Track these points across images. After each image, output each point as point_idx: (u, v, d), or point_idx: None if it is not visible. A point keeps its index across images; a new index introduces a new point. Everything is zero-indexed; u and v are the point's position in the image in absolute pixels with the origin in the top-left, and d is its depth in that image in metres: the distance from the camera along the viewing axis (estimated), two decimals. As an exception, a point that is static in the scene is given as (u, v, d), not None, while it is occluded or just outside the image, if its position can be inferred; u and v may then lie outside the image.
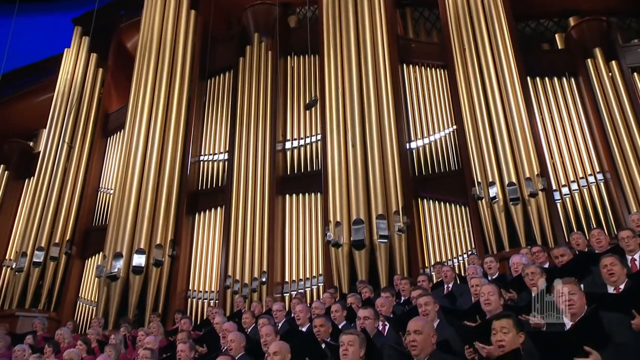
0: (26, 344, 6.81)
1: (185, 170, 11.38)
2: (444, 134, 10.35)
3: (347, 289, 8.68)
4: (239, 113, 11.59)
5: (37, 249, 11.00)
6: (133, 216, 10.60)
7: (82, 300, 11.24)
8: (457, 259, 9.32)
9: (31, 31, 15.81)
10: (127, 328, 7.89)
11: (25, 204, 12.22)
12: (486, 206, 8.85)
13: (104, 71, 13.18)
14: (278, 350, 3.69)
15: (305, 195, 10.79)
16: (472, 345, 3.31)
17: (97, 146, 12.54)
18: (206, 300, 10.40)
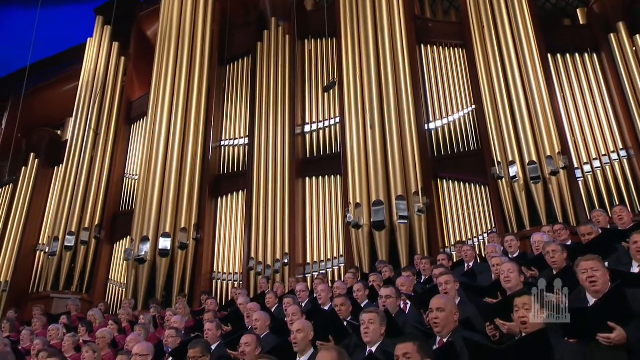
0: (61, 324, 7.01)
1: (207, 156, 11.46)
2: (463, 114, 10.19)
3: (367, 269, 8.70)
4: (258, 98, 11.60)
5: (68, 234, 11.26)
6: (158, 201, 10.76)
7: (112, 282, 11.51)
8: (477, 239, 9.25)
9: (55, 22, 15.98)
10: (156, 309, 8.06)
11: (56, 190, 12.48)
12: (506, 185, 8.72)
13: (125, 60, 13.28)
14: (301, 328, 3.73)
15: (325, 177, 10.79)
16: (493, 322, 3.29)
17: (121, 133, 12.70)
18: (230, 281, 10.55)
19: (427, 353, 2.51)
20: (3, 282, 11.84)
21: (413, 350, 2.46)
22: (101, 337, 5.73)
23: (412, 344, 2.49)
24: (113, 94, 12.81)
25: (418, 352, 2.46)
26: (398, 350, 2.49)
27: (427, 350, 2.53)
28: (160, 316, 7.65)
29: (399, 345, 2.51)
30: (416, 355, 2.45)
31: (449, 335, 3.05)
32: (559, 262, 4.06)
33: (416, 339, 2.57)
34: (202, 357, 3.97)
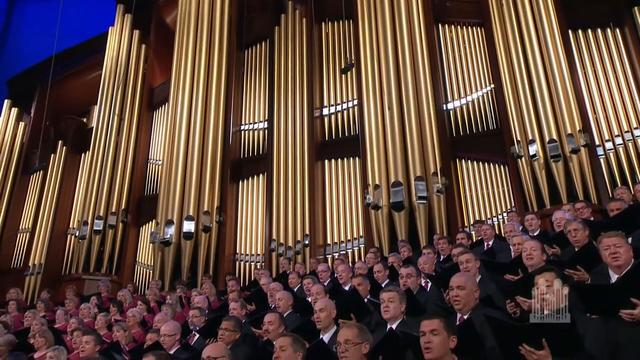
0: (92, 304, 7.21)
1: (228, 140, 11.52)
2: (482, 93, 10.00)
3: (387, 249, 8.70)
4: (276, 81, 11.58)
5: (97, 218, 11.50)
6: (181, 185, 10.90)
7: (139, 264, 11.76)
8: (497, 218, 9.14)
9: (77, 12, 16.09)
10: (182, 289, 8.23)
11: (83, 176, 12.71)
12: (526, 164, 8.57)
13: (146, 47, 13.34)
14: (324, 307, 3.76)
15: (344, 159, 10.76)
16: (514, 299, 3.26)
17: (144, 120, 12.83)
18: (253, 262, 10.67)
19: (453, 329, 2.50)
20: (37, 265, 12.19)
21: (440, 327, 2.45)
22: (131, 317, 5.90)
23: (439, 321, 2.48)
24: (135, 81, 12.91)
25: (444, 329, 2.46)
26: (424, 327, 2.49)
27: (453, 326, 2.53)
28: (186, 296, 7.80)
29: (425, 321, 2.51)
30: (443, 332, 2.45)
31: (470, 313, 3.03)
32: (581, 240, 4.00)
33: (442, 316, 2.56)
34: (234, 332, 4.07)
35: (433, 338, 2.43)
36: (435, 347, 2.42)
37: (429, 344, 2.43)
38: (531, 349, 2.30)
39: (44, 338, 5.08)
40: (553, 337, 2.31)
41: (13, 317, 7.07)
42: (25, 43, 17.58)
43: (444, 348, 2.42)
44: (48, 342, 5.00)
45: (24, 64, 15.13)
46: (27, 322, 6.45)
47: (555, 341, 2.30)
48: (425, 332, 2.47)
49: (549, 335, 2.31)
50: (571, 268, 3.40)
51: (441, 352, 2.41)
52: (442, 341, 2.42)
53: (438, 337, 2.43)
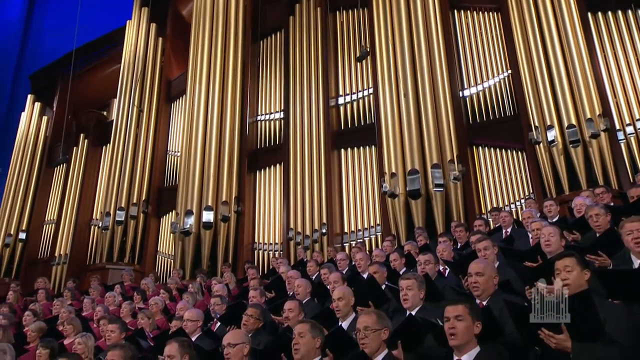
0: (116, 292, 7.35)
1: (244, 131, 11.56)
2: (499, 79, 9.82)
3: (404, 237, 8.67)
4: (291, 71, 11.54)
5: (119, 209, 11.68)
6: (200, 176, 11.00)
7: (160, 254, 11.93)
8: (515, 205, 9.02)
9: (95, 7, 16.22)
10: (202, 278, 8.33)
11: (105, 168, 12.90)
12: (544, 150, 8.42)
13: (163, 40, 13.40)
14: (342, 295, 3.77)
15: (360, 148, 10.71)
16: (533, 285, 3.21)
17: (162, 112, 12.94)
18: (271, 251, 10.74)
19: (478, 315, 2.47)
20: (63, 255, 12.46)
21: (464, 312, 2.42)
22: (154, 305, 5.99)
23: (463, 306, 2.45)
24: (153, 74, 13.00)
25: (469, 314, 2.43)
26: (449, 312, 2.46)
27: (477, 312, 2.50)
28: (206, 285, 7.90)
29: (450, 307, 2.48)
30: (467, 317, 2.42)
31: (489, 299, 3.01)
32: (603, 225, 3.92)
33: (467, 301, 2.53)
34: (258, 320, 4.11)
35: (457, 324, 2.40)
36: (460, 333, 2.39)
37: (454, 329, 2.40)
38: (550, 333, 2.27)
39: (72, 325, 5.21)
40: (573, 322, 2.28)
41: (42, 305, 7.25)
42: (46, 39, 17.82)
43: (469, 334, 2.39)
44: (76, 329, 5.12)
45: (46, 60, 15.34)
46: (55, 310, 6.61)
47: (576, 326, 2.27)
48: (450, 318, 2.44)
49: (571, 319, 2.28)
50: (592, 253, 3.34)
51: (465, 338, 2.39)
52: (467, 327, 2.40)
53: (463, 322, 2.40)
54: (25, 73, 16.30)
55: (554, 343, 2.27)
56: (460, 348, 2.40)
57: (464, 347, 2.40)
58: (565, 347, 2.25)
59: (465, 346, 2.40)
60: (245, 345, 3.14)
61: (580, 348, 2.23)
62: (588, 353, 2.22)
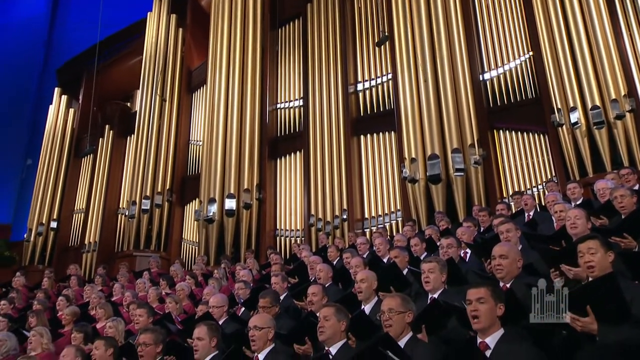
0: (144, 278, 7.52)
1: (264, 119, 11.60)
2: (520, 61, 9.58)
3: (424, 222, 8.62)
4: (310, 59, 11.49)
5: (144, 198, 11.89)
6: (221, 164, 11.10)
7: (185, 241, 12.13)
8: (536, 188, 8.87)
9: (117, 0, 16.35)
10: (226, 264, 8.44)
11: (130, 158, 13.12)
12: (567, 133, 8.22)
13: (183, 30, 13.47)
14: (365, 278, 3.77)
15: (380, 134, 10.65)
16: (557, 268, 3.16)
17: (184, 102, 13.05)
18: (292, 237, 10.81)
19: (500, 297, 2.44)
20: (92, 243, 12.76)
21: (487, 295, 2.40)
22: (181, 290, 6.11)
23: (485, 289, 2.42)
24: (174, 64, 13.10)
25: (492, 297, 2.40)
26: (471, 295, 2.43)
27: (500, 294, 2.47)
28: (230, 271, 8.01)
29: (472, 290, 2.46)
30: (490, 300, 2.39)
31: (512, 282, 2.98)
32: (628, 206, 3.82)
33: (489, 284, 2.51)
34: (272, 307, 4.13)
35: (480, 306, 2.38)
36: (483, 316, 2.36)
37: (476, 312, 2.38)
38: (575, 316, 2.24)
39: (103, 310, 5.35)
40: (599, 304, 2.24)
41: (74, 291, 7.47)
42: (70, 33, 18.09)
43: (492, 316, 2.37)
44: (107, 313, 5.26)
45: (71, 53, 15.59)
46: (87, 295, 6.80)
47: (601, 308, 2.23)
48: (472, 301, 2.41)
49: (594, 302, 2.24)
50: (617, 235, 3.27)
51: (488, 321, 2.37)
52: (490, 309, 2.37)
53: (485, 305, 2.38)
54: (52, 67, 16.60)
55: (579, 326, 2.24)
56: (483, 330, 2.39)
57: (488, 330, 2.38)
58: (591, 330, 2.22)
59: (488, 328, 2.38)
60: (270, 330, 3.19)
61: (606, 330, 2.20)
62: (614, 335, 2.18)
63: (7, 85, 17.12)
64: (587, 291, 2.36)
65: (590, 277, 2.68)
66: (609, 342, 2.18)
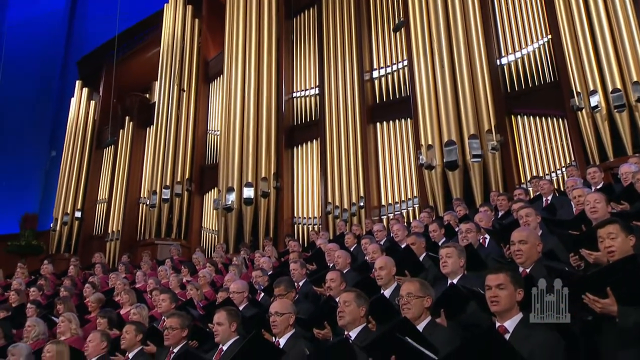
0: (167, 266, 7.64)
1: (281, 108, 11.60)
2: (538, 45, 9.37)
3: (442, 209, 8.55)
4: (325, 47, 11.41)
5: (164, 188, 12.04)
6: (239, 154, 11.16)
7: (205, 229, 12.27)
8: (555, 173, 8.72)
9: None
10: (245, 251, 8.53)
11: (149, 149, 13.27)
12: (587, 116, 8.03)
13: (199, 21, 13.49)
14: (384, 264, 3.77)
15: (396, 121, 10.57)
16: (577, 252, 3.11)
17: (201, 92, 13.11)
18: (310, 225, 10.85)
19: (520, 283, 2.41)
20: (115, 232, 13.00)
21: (506, 281, 2.36)
22: (202, 277, 6.19)
23: (505, 275, 2.39)
24: (191, 55, 13.15)
25: (511, 282, 2.37)
26: (490, 281, 2.40)
27: (519, 279, 2.43)
28: (249, 258, 8.09)
29: (491, 275, 2.42)
30: (509, 286, 2.36)
31: (532, 267, 2.94)
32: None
33: (508, 269, 2.47)
34: (287, 293, 4.18)
35: (500, 292, 2.35)
36: (502, 301, 2.34)
37: (496, 297, 2.35)
38: (595, 298, 2.20)
39: (127, 296, 5.46)
40: (619, 286, 2.20)
41: (100, 278, 7.63)
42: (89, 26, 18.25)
43: (511, 301, 2.35)
44: (131, 299, 5.37)
45: (91, 46, 15.74)
46: (112, 282, 6.94)
47: (622, 290, 2.19)
48: (492, 287, 2.38)
49: (615, 284, 2.20)
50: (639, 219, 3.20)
51: (508, 305, 2.34)
52: (509, 295, 2.35)
53: (504, 291, 2.35)
54: (73, 60, 16.80)
55: (599, 307, 2.20)
56: (502, 314, 2.37)
57: (507, 314, 2.36)
58: (611, 312, 2.18)
59: (507, 313, 2.36)
60: (291, 315, 3.22)
61: (627, 312, 2.16)
62: (634, 317, 2.15)
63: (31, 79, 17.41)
64: (607, 273, 2.32)
65: (610, 262, 2.63)
66: (629, 324, 2.14)
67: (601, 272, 2.31)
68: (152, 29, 14.26)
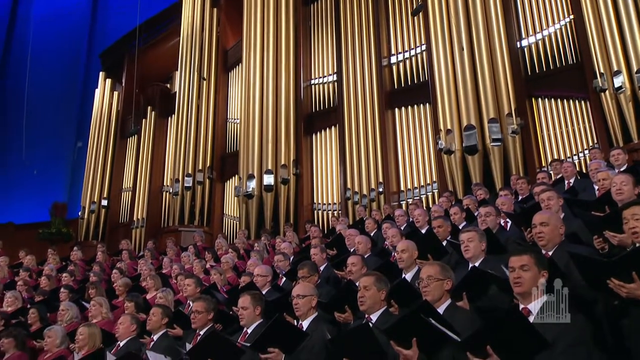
0: (190, 252, 7.76)
1: (299, 95, 11.57)
2: (559, 26, 9.11)
3: (461, 194, 8.47)
4: (343, 33, 11.30)
5: (186, 176, 12.17)
6: (259, 141, 11.21)
7: (226, 216, 12.40)
8: (577, 156, 8.53)
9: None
10: (266, 237, 8.60)
11: (171, 138, 13.40)
12: (610, 98, 7.81)
13: (218, 10, 13.47)
14: (406, 247, 3.75)
15: (414, 107, 10.45)
16: (601, 235, 3.05)
17: (220, 81, 13.15)
18: (330, 211, 10.86)
19: (543, 264, 2.36)
20: (140, 219, 13.22)
21: (530, 262, 2.32)
22: (225, 262, 6.27)
23: (529, 256, 2.34)
24: (210, 44, 13.16)
25: (535, 264, 2.32)
26: (513, 262, 2.36)
27: (543, 261, 2.39)
28: (270, 244, 8.15)
29: (514, 257, 2.38)
30: (533, 267, 2.31)
31: (554, 249, 2.89)
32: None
33: (532, 250, 2.43)
34: (310, 276, 4.20)
35: (523, 273, 2.31)
36: (526, 282, 2.30)
37: (519, 279, 2.31)
38: (621, 283, 2.16)
39: (153, 281, 5.57)
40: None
41: (127, 264, 7.80)
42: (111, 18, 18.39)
43: (535, 283, 2.30)
44: (157, 284, 5.47)
45: (113, 38, 15.87)
46: (140, 268, 7.09)
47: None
48: (515, 268, 2.34)
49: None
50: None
51: (531, 287, 2.30)
52: (533, 276, 2.30)
53: (528, 272, 2.30)
54: (96, 52, 16.99)
55: (624, 292, 2.16)
56: (525, 296, 2.33)
57: (530, 296, 2.33)
58: (637, 296, 2.14)
59: (531, 295, 2.33)
60: (313, 298, 3.23)
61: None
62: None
63: (57, 73, 17.70)
64: (633, 257, 2.26)
65: (636, 244, 2.57)
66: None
67: (626, 257, 2.26)
68: (171, 19, 14.31)
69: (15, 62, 18.31)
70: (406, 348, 2.28)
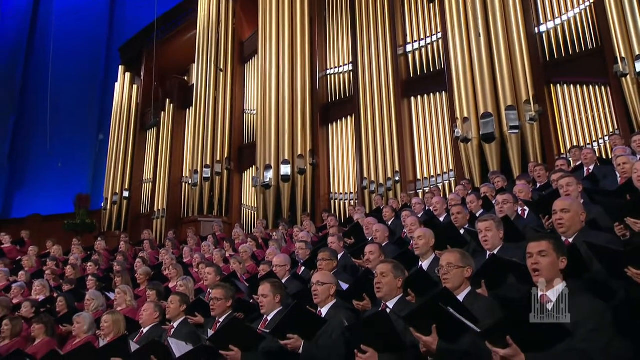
0: (210, 242, 7.85)
1: (315, 85, 11.53)
2: (579, 10, 8.87)
3: (478, 182, 8.38)
4: (358, 23, 11.19)
5: (205, 167, 12.28)
6: (275, 132, 11.23)
7: (244, 206, 12.50)
8: (597, 142, 8.34)
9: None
10: (284, 227, 8.64)
11: (190, 130, 13.51)
12: (632, 83, 7.61)
13: (234, 3, 13.46)
14: (422, 235, 3.73)
15: (430, 95, 10.33)
16: (622, 221, 2.98)
17: (237, 73, 13.17)
18: (346, 200, 10.86)
19: (563, 250, 2.32)
20: (161, 210, 13.41)
21: (548, 248, 2.27)
22: (244, 252, 6.33)
23: (547, 242, 2.30)
24: (226, 36, 13.18)
25: (554, 250, 2.27)
26: (532, 248, 2.32)
27: (562, 247, 2.34)
28: (288, 233, 8.19)
29: (533, 243, 2.33)
30: (552, 253, 2.27)
31: (575, 236, 2.84)
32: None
33: (551, 237, 2.39)
34: (330, 260, 4.23)
35: (541, 259, 2.26)
36: (544, 269, 2.25)
37: (537, 265, 2.27)
38: (638, 272, 2.11)
39: (175, 270, 5.66)
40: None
41: (149, 253, 7.93)
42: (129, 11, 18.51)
43: (554, 269, 2.26)
44: (178, 273, 5.56)
45: (131, 32, 15.99)
46: (162, 257, 7.20)
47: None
48: (533, 254, 2.30)
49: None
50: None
51: (550, 274, 2.25)
52: (552, 262, 2.26)
53: (547, 258, 2.26)
54: (115, 46, 17.15)
55: None
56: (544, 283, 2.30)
57: (549, 283, 2.29)
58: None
59: (550, 282, 2.29)
60: (332, 286, 3.24)
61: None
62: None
63: (78, 67, 17.92)
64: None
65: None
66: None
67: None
68: (188, 12, 14.34)
69: (37, 58, 18.62)
70: (425, 335, 2.27)
